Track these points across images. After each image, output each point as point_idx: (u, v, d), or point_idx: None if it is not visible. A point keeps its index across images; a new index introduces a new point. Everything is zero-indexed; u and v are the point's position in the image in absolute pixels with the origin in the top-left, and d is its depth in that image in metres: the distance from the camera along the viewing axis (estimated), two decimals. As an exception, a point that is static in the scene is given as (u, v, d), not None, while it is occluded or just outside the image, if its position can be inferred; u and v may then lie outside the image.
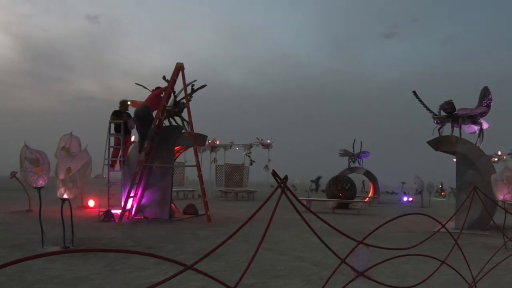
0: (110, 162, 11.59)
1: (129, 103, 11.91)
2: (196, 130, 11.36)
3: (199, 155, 15.47)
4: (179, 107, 11.81)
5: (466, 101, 11.57)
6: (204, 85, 12.30)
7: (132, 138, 12.37)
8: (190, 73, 11.34)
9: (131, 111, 12.02)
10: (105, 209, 10.55)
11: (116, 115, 11.69)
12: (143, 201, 11.08)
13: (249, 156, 24.90)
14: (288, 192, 2.06)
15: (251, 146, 24.77)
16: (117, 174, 11.93)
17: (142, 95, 12.02)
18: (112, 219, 10.15)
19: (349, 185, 18.59)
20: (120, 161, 11.71)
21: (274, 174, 2.06)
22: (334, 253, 2.52)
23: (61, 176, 5.96)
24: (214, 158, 25.06)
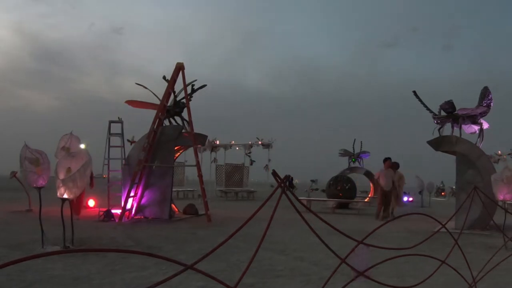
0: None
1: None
2: (197, 129, 11.37)
3: (199, 155, 15.45)
4: (179, 107, 11.83)
5: (465, 104, 11.55)
6: (204, 85, 12.30)
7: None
8: (201, 74, 11.45)
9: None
10: (105, 209, 10.55)
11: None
12: (143, 201, 11.08)
13: (249, 156, 24.89)
14: (288, 192, 2.06)
15: (251, 146, 24.76)
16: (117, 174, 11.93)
17: (146, 96, 12.12)
18: (112, 219, 10.15)
19: (349, 185, 18.59)
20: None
21: (274, 174, 2.05)
22: (334, 253, 2.51)
23: (61, 176, 5.95)
24: (214, 158, 25.06)
